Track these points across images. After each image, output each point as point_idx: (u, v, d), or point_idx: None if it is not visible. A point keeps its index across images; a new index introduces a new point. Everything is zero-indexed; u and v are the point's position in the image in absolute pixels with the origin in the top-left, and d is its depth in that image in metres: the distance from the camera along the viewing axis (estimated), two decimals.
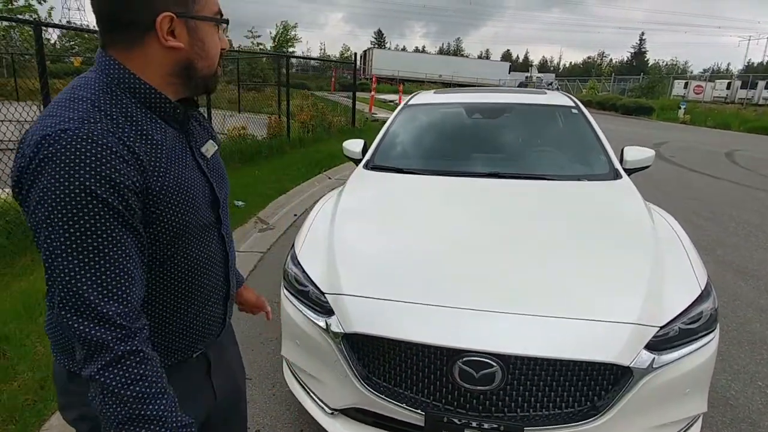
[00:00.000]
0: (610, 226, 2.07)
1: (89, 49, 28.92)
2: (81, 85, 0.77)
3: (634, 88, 30.86)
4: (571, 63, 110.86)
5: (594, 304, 1.58)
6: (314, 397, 1.84)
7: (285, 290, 1.96)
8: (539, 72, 55.26)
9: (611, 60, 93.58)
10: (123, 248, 0.72)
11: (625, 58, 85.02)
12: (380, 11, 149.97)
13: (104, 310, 0.69)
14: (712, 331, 1.64)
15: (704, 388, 1.67)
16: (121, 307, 0.70)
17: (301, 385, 1.93)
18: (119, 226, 0.71)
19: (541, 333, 1.50)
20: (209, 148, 0.95)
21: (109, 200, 0.69)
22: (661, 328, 1.54)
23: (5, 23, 21.21)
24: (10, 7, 23.35)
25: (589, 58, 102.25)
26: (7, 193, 3.66)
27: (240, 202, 5.24)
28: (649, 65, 72.39)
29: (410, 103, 3.58)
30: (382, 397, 1.59)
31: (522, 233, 2.01)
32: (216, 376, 1.04)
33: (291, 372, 2.01)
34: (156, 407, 0.71)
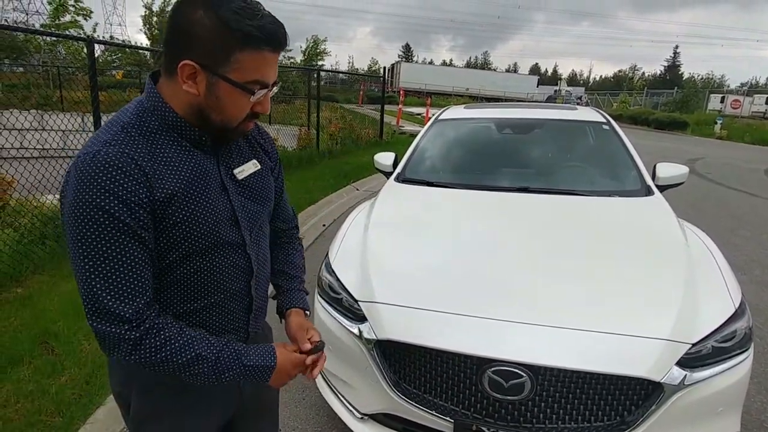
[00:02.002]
0: (643, 243, 2.07)
1: (130, 63, 30.28)
2: (126, 108, 0.89)
3: (667, 102, 30.14)
4: (601, 76, 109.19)
5: (626, 319, 1.59)
6: (345, 401, 1.89)
7: (319, 297, 2.04)
8: (568, 86, 54.65)
9: (644, 73, 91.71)
10: (129, 254, 0.81)
11: (659, 72, 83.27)
12: (408, 25, 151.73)
13: (117, 311, 0.80)
14: (746, 350, 1.62)
15: (737, 408, 1.65)
16: (130, 306, 0.81)
17: (332, 389, 1.99)
18: (124, 236, 0.80)
19: (571, 346, 1.52)
20: (246, 169, 1.00)
21: (116, 213, 0.79)
22: (693, 345, 1.54)
23: (51, 38, 22.38)
24: (57, 22, 24.60)
25: (620, 71, 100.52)
26: (57, 199, 3.89)
27: None
28: (684, 79, 70.57)
29: (440, 117, 3.65)
30: (412, 403, 1.63)
31: (553, 248, 2.03)
32: (245, 382, 1.07)
33: (322, 377, 2.07)
34: (189, 353, 0.86)
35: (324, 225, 5.32)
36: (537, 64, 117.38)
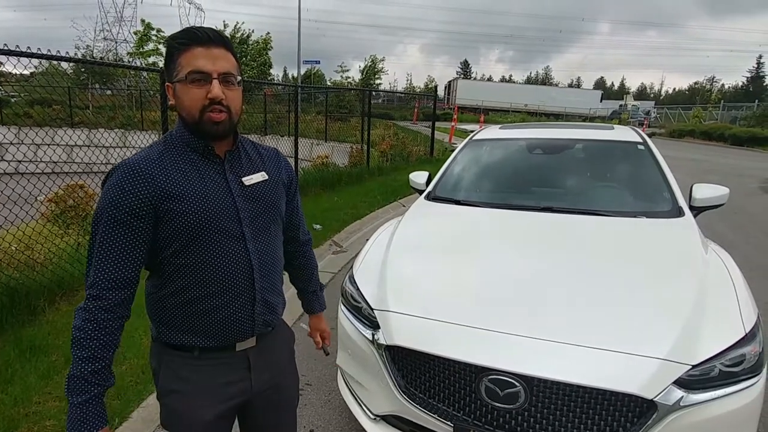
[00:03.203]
0: (657, 263, 2.07)
1: None
2: (167, 133, 1.17)
3: (746, 116, 27.91)
4: (674, 89, 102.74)
5: (624, 337, 1.63)
6: (360, 402, 2.04)
7: (342, 305, 2.22)
8: (636, 100, 52.13)
9: (723, 85, 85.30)
10: (117, 243, 1.05)
11: (740, 84, 77.21)
12: (465, 42, 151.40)
13: (93, 273, 1.06)
14: (756, 375, 1.60)
15: None
16: (101, 275, 1.05)
17: (350, 391, 2.15)
18: (118, 228, 1.05)
19: (566, 359, 1.58)
20: (254, 178, 1.19)
21: (120, 204, 1.04)
22: (694, 366, 1.55)
23: (136, 63, 24.69)
24: (141, 50, 26.99)
25: (696, 83, 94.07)
26: None
27: (318, 226, 5.68)
28: None
29: (474, 138, 3.76)
30: (417, 406, 1.76)
31: (564, 266, 2.08)
32: (256, 372, 1.23)
33: (343, 379, 2.24)
34: (77, 364, 1.03)
35: (368, 239, 5.51)
36: (602, 77, 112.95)
